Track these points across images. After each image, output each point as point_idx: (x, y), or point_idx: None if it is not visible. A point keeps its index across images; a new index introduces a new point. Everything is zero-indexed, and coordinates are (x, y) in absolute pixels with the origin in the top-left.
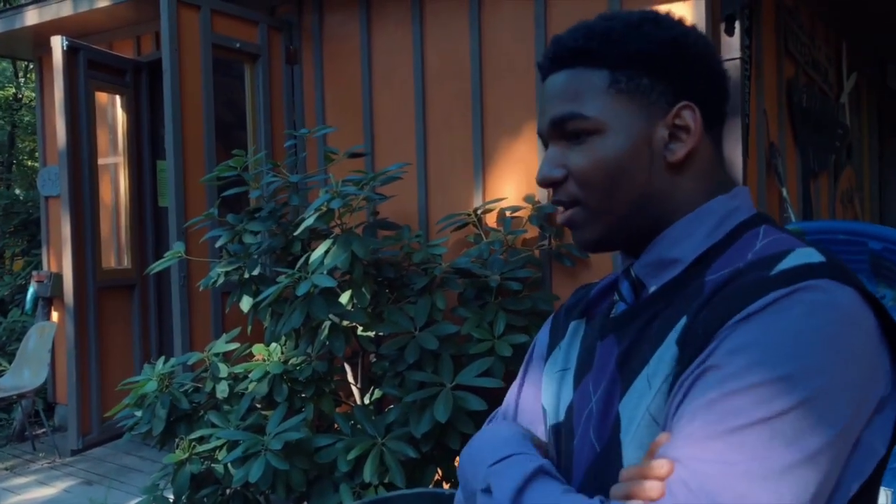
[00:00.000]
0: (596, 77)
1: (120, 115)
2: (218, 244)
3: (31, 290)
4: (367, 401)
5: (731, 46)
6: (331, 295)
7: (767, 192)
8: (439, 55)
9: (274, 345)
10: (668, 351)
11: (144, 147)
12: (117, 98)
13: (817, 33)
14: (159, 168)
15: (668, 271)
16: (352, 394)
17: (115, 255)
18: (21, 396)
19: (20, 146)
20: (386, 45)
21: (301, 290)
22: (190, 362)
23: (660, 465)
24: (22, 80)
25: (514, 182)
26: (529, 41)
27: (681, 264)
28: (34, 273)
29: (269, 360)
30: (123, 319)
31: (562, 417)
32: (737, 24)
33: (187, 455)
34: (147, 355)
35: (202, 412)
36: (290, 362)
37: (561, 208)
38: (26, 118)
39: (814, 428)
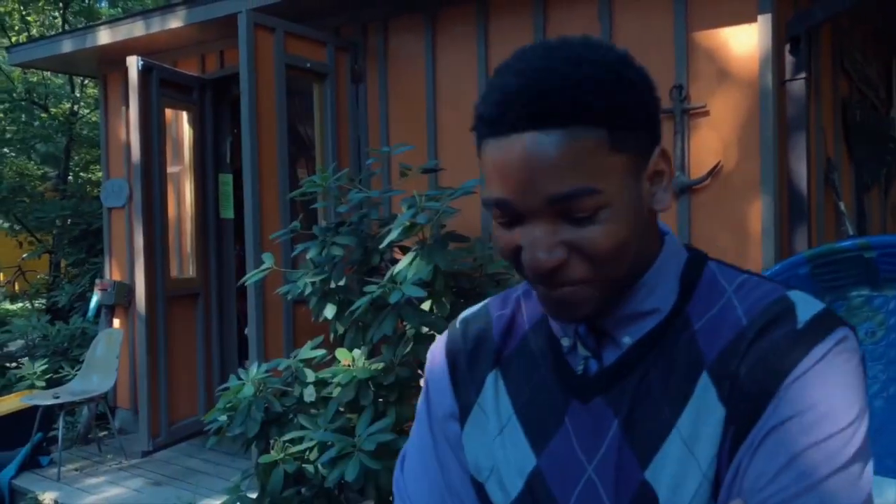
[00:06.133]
0: (596, 137)
1: (186, 131)
2: (309, 255)
3: (94, 298)
4: None
5: (796, 67)
6: (416, 305)
7: (825, 206)
8: None
9: (357, 350)
10: (708, 412)
11: (208, 161)
12: (184, 114)
13: (869, 50)
14: (221, 181)
15: (645, 322)
16: None
17: (177, 265)
18: (89, 400)
19: (75, 158)
20: (451, 65)
21: (393, 298)
22: (280, 367)
23: None
24: (77, 94)
25: None
26: None
27: (660, 313)
28: (97, 281)
29: (354, 365)
30: (188, 327)
31: (520, 487)
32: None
33: (281, 456)
34: (209, 362)
35: (291, 416)
36: (373, 368)
37: (561, 287)
38: (83, 132)
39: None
